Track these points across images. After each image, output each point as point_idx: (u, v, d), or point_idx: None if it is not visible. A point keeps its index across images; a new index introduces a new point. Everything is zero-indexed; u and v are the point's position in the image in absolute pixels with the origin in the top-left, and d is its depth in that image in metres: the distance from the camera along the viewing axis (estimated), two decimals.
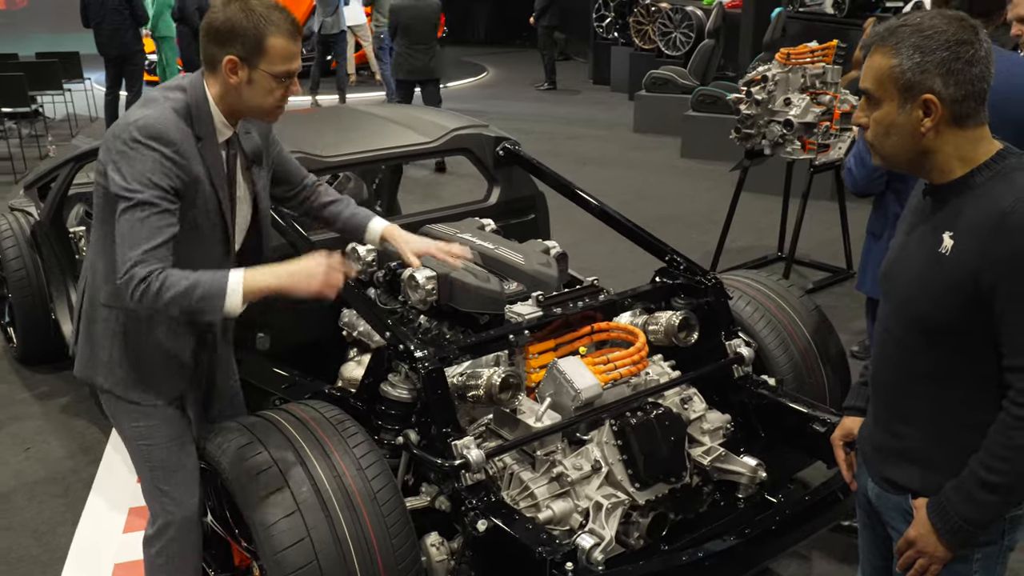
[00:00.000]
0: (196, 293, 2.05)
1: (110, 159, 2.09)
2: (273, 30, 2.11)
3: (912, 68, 1.61)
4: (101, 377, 2.31)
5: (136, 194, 2.04)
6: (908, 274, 1.74)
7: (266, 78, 2.15)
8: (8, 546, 3.26)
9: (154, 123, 2.08)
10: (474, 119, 3.95)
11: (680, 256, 3.19)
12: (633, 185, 8.36)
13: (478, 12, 21.74)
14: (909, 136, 1.66)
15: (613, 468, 2.58)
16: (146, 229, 2.04)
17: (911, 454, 1.78)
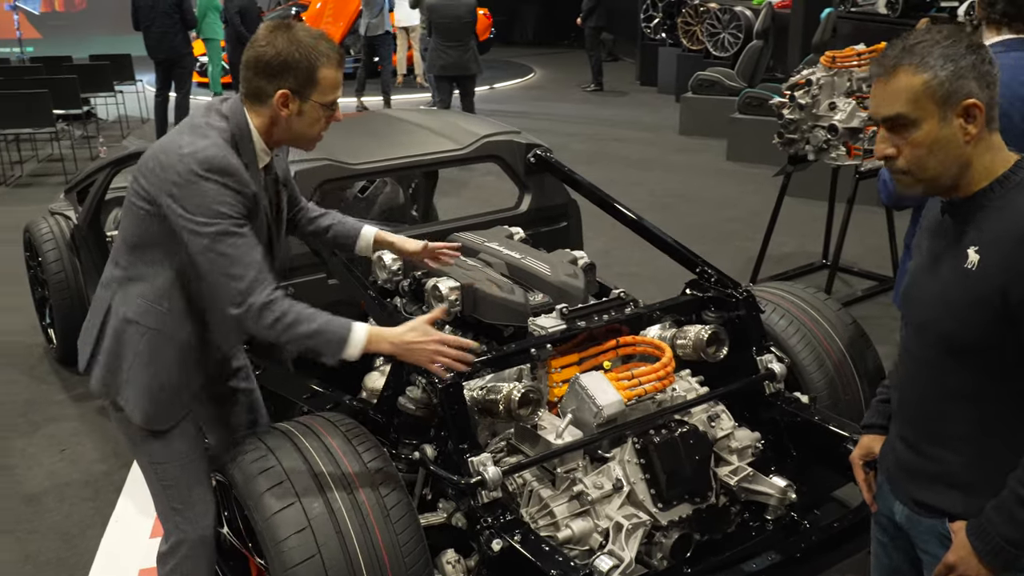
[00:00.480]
0: (322, 337, 2.13)
1: (165, 189, 2.08)
2: (324, 61, 2.13)
3: (948, 77, 1.59)
4: (119, 395, 2.28)
5: (209, 227, 2.06)
6: (931, 293, 1.71)
7: (316, 108, 2.17)
8: (37, 549, 3.29)
9: (212, 155, 2.08)
10: (506, 125, 3.90)
11: (711, 268, 3.11)
12: (676, 188, 8.24)
13: (526, 13, 21.70)
14: (954, 149, 1.62)
15: (635, 487, 2.52)
16: (236, 259, 2.07)
17: (950, 478, 1.73)
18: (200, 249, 2.07)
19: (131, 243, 2.22)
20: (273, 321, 2.10)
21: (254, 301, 2.08)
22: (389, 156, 3.48)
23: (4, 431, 4.12)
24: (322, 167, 3.27)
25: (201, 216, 2.05)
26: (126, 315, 2.23)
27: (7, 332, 5.21)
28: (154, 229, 2.15)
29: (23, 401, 4.39)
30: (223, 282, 2.09)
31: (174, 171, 2.06)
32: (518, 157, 3.73)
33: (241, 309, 2.09)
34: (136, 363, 2.24)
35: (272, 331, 2.11)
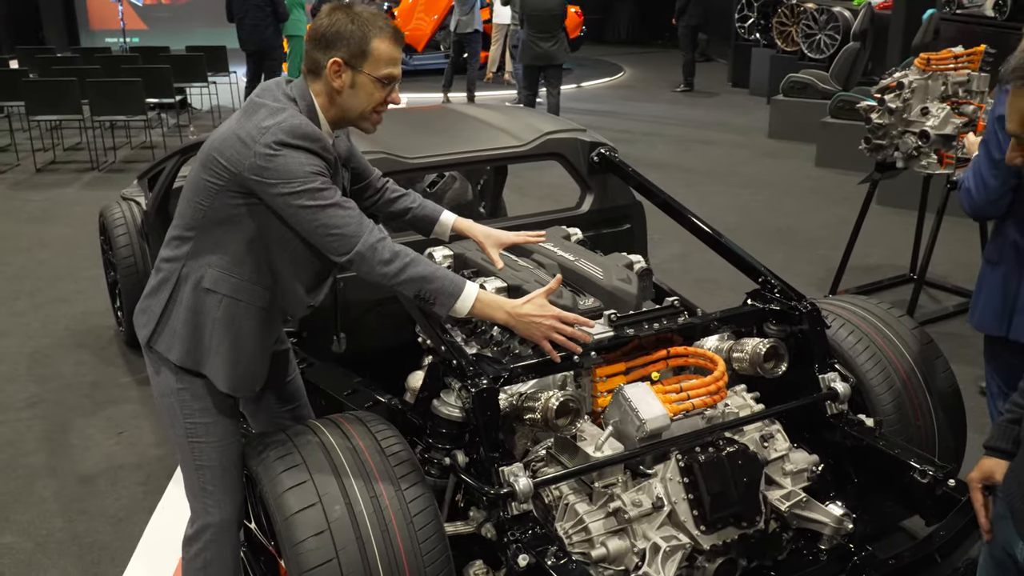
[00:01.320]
0: (435, 284, 2.20)
1: (250, 167, 2.10)
2: (377, 32, 2.16)
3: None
4: (206, 365, 2.28)
5: (304, 187, 2.10)
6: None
7: (368, 82, 2.18)
8: (84, 530, 3.33)
9: (296, 124, 2.12)
10: (571, 123, 3.78)
11: (776, 278, 2.94)
12: (761, 193, 7.98)
13: (620, 12, 21.48)
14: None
15: (677, 507, 2.37)
16: (340, 209, 2.14)
17: None
18: (297, 210, 2.11)
19: (198, 219, 2.23)
20: (391, 256, 2.16)
21: (366, 240, 2.14)
22: (447, 151, 3.40)
23: (68, 410, 4.20)
24: (377, 160, 3.21)
25: (295, 180, 2.09)
26: (201, 285, 2.24)
27: (86, 313, 5.34)
28: (227, 203, 2.18)
29: (89, 382, 4.48)
30: (328, 235, 2.14)
31: (261, 144, 2.09)
32: (581, 156, 3.60)
33: (353, 252, 2.14)
34: (216, 330, 2.26)
35: (389, 267, 2.16)
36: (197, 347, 2.28)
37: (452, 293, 2.21)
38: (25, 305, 5.52)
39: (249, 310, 2.29)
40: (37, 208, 7.71)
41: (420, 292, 2.21)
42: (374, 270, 2.17)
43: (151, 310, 2.32)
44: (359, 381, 2.99)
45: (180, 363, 2.29)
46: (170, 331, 2.29)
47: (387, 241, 2.19)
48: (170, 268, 2.29)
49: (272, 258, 2.27)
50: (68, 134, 10.17)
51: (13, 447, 3.90)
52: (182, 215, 2.28)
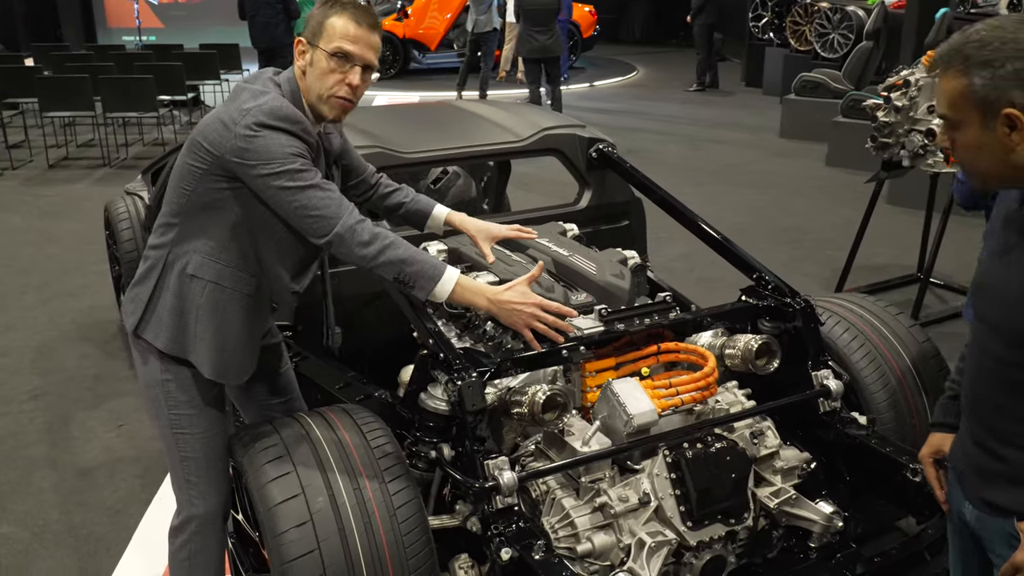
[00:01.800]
0: (414, 267, 2.20)
1: (231, 149, 2.12)
2: (337, 11, 2.19)
3: (984, 85, 1.54)
4: (193, 353, 2.29)
5: (283, 168, 2.11)
6: (1007, 291, 1.65)
7: (323, 57, 2.18)
8: (81, 521, 3.35)
9: (276, 106, 2.13)
10: (570, 119, 3.77)
11: (770, 274, 2.92)
12: (770, 193, 7.94)
13: (634, 11, 21.42)
14: (1001, 153, 1.57)
15: (664, 503, 2.36)
16: (319, 190, 2.14)
17: (1017, 476, 1.70)
18: (276, 192, 2.12)
19: (183, 205, 2.24)
20: (370, 238, 2.15)
21: (345, 221, 2.14)
22: (443, 146, 3.40)
23: (70, 403, 4.23)
24: (373, 155, 3.21)
25: (274, 161, 2.10)
26: (185, 271, 2.25)
27: (92, 307, 5.38)
28: (210, 187, 2.19)
29: (92, 375, 4.51)
30: (308, 216, 2.14)
31: (241, 126, 2.10)
32: (579, 151, 3.59)
33: (332, 234, 2.14)
34: (201, 317, 2.26)
35: (368, 249, 2.16)
36: (183, 334, 2.28)
37: (432, 277, 2.22)
38: (32, 299, 5.57)
39: (234, 296, 2.29)
40: (48, 203, 7.77)
41: (399, 275, 2.20)
42: (353, 252, 2.17)
43: (138, 298, 2.33)
44: (352, 375, 2.99)
45: (167, 350, 2.29)
46: (156, 319, 2.29)
47: (366, 223, 2.18)
48: (157, 255, 2.30)
49: (256, 244, 2.27)
50: (81, 130, 10.24)
51: (14, 438, 3.93)
52: (168, 202, 2.29)
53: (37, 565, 3.11)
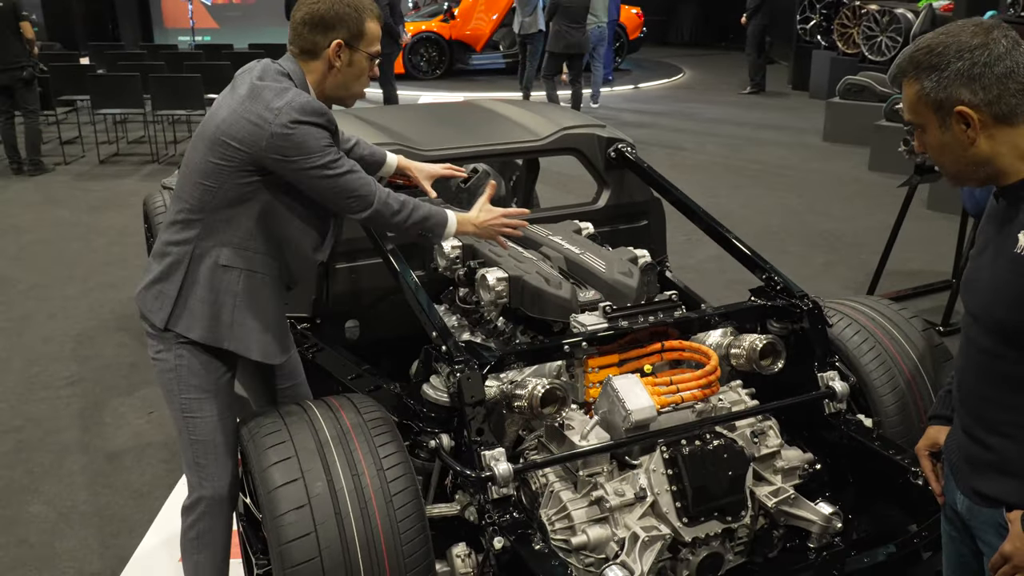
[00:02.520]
0: (432, 220, 2.54)
1: (266, 146, 2.23)
2: (369, 15, 2.37)
3: (934, 88, 1.63)
4: (231, 340, 2.39)
5: (321, 159, 2.28)
6: (986, 280, 1.70)
7: (364, 58, 2.38)
8: (107, 503, 3.47)
9: (305, 101, 2.26)
10: (591, 119, 3.80)
11: (779, 275, 2.92)
12: (808, 196, 7.87)
13: (683, 13, 21.30)
14: (961, 150, 1.65)
15: (660, 498, 2.39)
16: (354, 173, 2.36)
17: (1007, 466, 1.72)
18: (318, 180, 2.30)
19: (207, 202, 2.32)
20: (399, 206, 2.44)
21: (379, 195, 2.40)
22: (462, 144, 3.45)
23: (104, 390, 4.37)
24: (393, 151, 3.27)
25: (313, 154, 2.26)
26: (219, 263, 2.35)
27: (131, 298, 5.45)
28: (238, 182, 2.30)
29: (128, 363, 4.65)
30: (348, 198, 2.36)
31: (277, 124, 2.22)
32: (598, 151, 3.62)
33: (371, 210, 2.39)
34: (239, 304, 2.38)
35: (399, 216, 2.45)
36: (217, 323, 2.38)
37: (444, 223, 2.56)
38: (75, 290, 5.75)
39: (265, 280, 2.42)
40: (96, 198, 7.99)
41: (423, 230, 2.54)
42: (389, 221, 2.46)
43: (165, 293, 2.39)
44: (366, 367, 3.06)
45: (203, 340, 2.38)
46: (189, 312, 2.37)
47: (391, 194, 2.44)
48: (180, 251, 2.37)
49: (281, 226, 2.40)
50: (132, 127, 10.51)
51: (50, 422, 4.08)
52: (185, 199, 2.36)
53: (63, 543, 3.23)
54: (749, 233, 6.72)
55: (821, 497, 2.59)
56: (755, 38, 13.46)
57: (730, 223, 3.13)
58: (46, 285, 5.83)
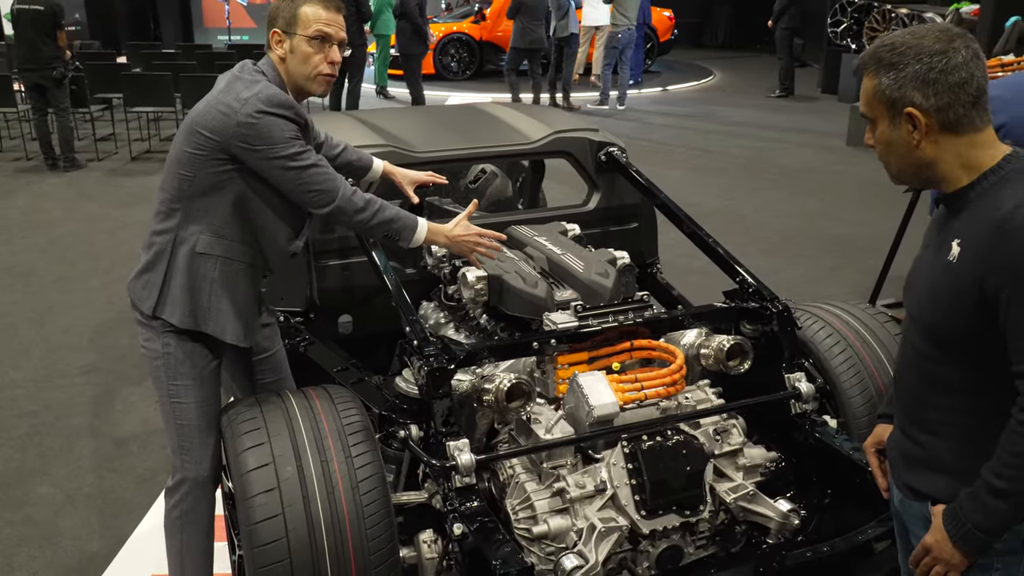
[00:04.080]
0: (399, 223, 2.58)
1: (233, 134, 2.35)
2: (305, 2, 2.43)
3: (890, 85, 1.67)
4: (209, 323, 2.51)
5: (286, 150, 2.37)
6: (923, 283, 1.77)
7: (302, 42, 2.43)
8: (110, 486, 3.63)
9: (272, 93, 2.37)
10: (586, 122, 3.88)
11: (753, 278, 2.99)
12: (825, 200, 7.87)
13: (718, 15, 21.23)
14: (905, 150, 1.70)
15: (619, 491, 2.47)
16: (318, 167, 2.44)
17: (933, 462, 1.80)
18: (281, 172, 2.39)
19: (184, 190, 2.45)
20: (364, 204, 2.49)
21: (343, 193, 2.46)
22: (455, 147, 3.55)
23: (117, 379, 4.55)
24: (385, 153, 3.39)
25: (277, 144, 2.35)
26: (196, 250, 2.47)
27: None
28: (211, 171, 2.41)
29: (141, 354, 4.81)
30: (310, 191, 2.43)
31: (243, 114, 2.33)
32: (589, 155, 3.71)
33: (333, 206, 2.45)
34: (215, 289, 2.50)
35: (363, 214, 2.50)
36: (195, 309, 2.51)
37: (412, 228, 2.59)
38: (98, 282, 5.95)
39: (241, 267, 2.53)
40: (127, 194, 8.23)
41: (389, 232, 2.57)
42: (352, 218, 2.50)
43: (152, 282, 2.53)
44: (352, 361, 3.17)
45: (181, 325, 2.51)
46: (172, 299, 2.50)
47: (357, 192, 2.49)
48: (163, 240, 2.51)
49: (257, 215, 2.50)
50: (165, 125, 10.76)
51: (64, 408, 4.26)
52: (167, 188, 2.50)
53: (66, 523, 3.39)
54: (761, 236, 6.79)
55: (782, 495, 2.66)
56: (784, 41, 13.42)
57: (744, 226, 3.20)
58: (71, 277, 6.05)
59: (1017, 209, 1.57)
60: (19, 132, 10.07)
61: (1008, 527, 1.67)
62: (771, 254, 6.46)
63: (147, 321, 2.56)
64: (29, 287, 5.87)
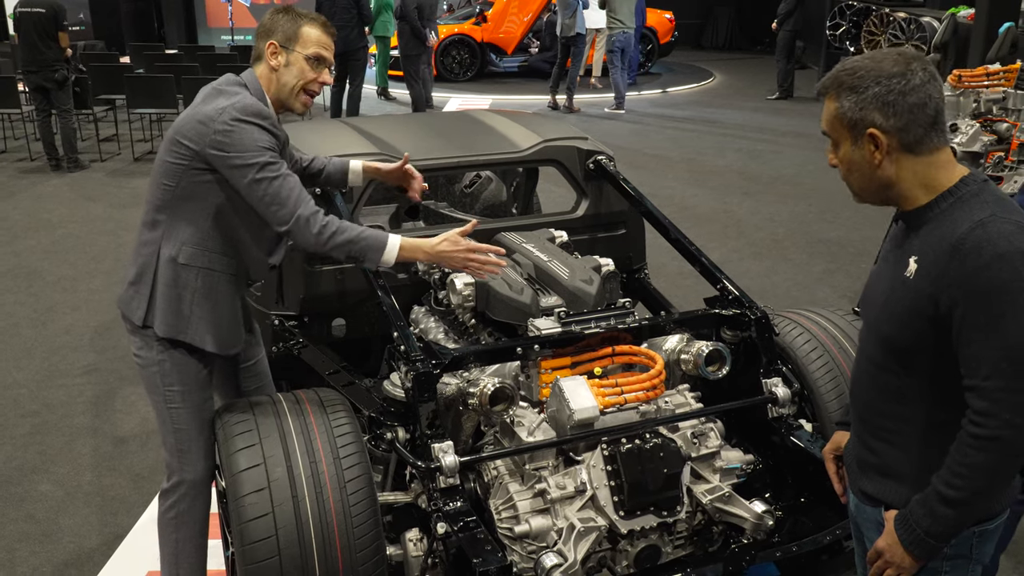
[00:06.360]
0: (361, 244, 2.49)
1: (210, 143, 2.41)
2: (308, 22, 2.55)
3: (851, 107, 1.74)
4: (189, 332, 2.57)
5: (257, 159, 2.41)
6: (879, 296, 1.84)
7: (299, 59, 2.52)
8: (109, 484, 3.72)
9: (248, 103, 2.44)
10: (574, 131, 3.97)
11: (733, 286, 3.07)
12: (819, 204, 7.94)
13: (720, 17, 21.28)
14: (867, 170, 1.77)
15: (599, 492, 2.56)
16: (280, 183, 2.44)
17: (886, 469, 1.87)
18: (248, 181, 2.42)
19: (167, 201, 2.51)
20: (321, 228, 2.45)
21: (301, 213, 2.44)
22: (444, 155, 3.64)
23: (118, 379, 4.64)
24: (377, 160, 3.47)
25: (246, 152, 2.40)
26: (178, 261, 2.54)
27: None
28: (193, 180, 2.47)
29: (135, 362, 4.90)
30: (271, 206, 2.44)
31: (218, 122, 2.40)
32: (577, 163, 3.79)
33: (290, 224, 2.44)
34: (196, 299, 2.56)
35: (321, 237, 2.46)
36: (177, 318, 2.57)
37: (377, 248, 2.50)
38: (100, 283, 6.05)
39: (222, 278, 2.59)
40: (129, 195, 8.32)
41: (350, 253, 2.51)
42: (308, 238, 2.47)
43: (141, 293, 2.60)
44: (343, 365, 3.26)
45: (163, 333, 2.58)
46: (158, 308, 2.58)
47: (319, 214, 2.48)
48: (148, 251, 2.58)
49: (237, 227, 2.55)
50: (168, 127, 10.82)
51: (65, 408, 4.35)
52: (151, 199, 2.56)
53: (65, 520, 3.49)
54: (753, 240, 6.87)
55: (758, 496, 2.75)
56: (785, 44, 13.49)
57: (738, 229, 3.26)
58: (73, 278, 6.15)
59: (972, 231, 1.64)
60: (23, 133, 10.17)
61: (956, 533, 1.75)
62: (762, 257, 6.54)
63: (139, 330, 2.63)
64: (32, 288, 5.97)
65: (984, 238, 1.63)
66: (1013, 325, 1.61)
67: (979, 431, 1.66)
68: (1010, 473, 1.72)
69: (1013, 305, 1.61)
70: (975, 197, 1.71)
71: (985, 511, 1.77)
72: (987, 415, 1.65)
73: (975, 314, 1.64)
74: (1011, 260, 1.61)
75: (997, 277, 1.61)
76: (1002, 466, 1.68)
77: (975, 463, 1.67)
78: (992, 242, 1.62)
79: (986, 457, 1.66)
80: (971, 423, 1.67)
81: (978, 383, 1.66)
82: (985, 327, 1.63)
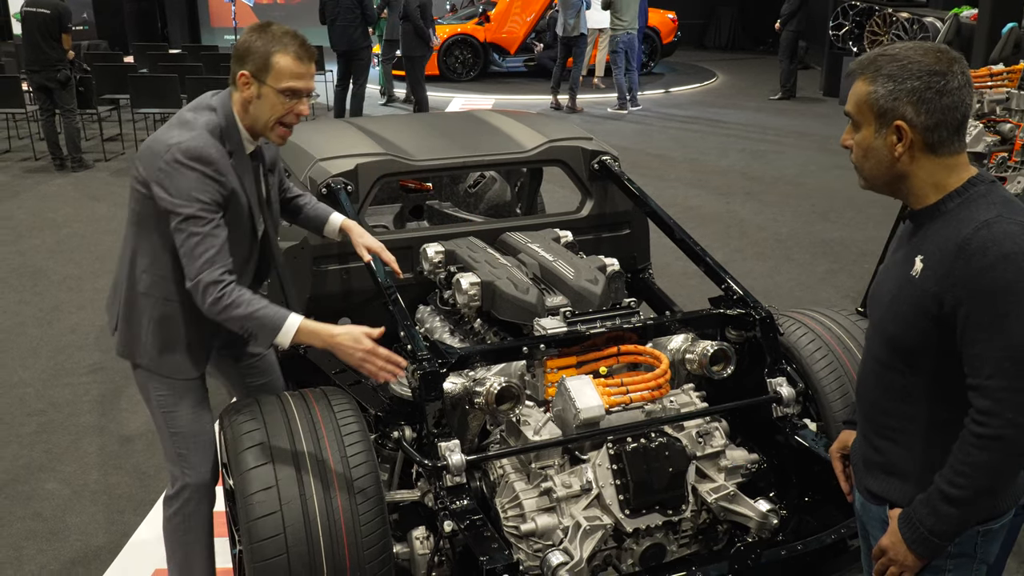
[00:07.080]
0: (256, 321, 2.35)
1: (153, 176, 2.35)
2: (280, 49, 2.35)
3: (885, 95, 1.73)
4: (138, 355, 2.59)
5: (184, 209, 2.32)
6: (885, 295, 1.84)
7: (271, 93, 2.37)
8: (116, 482, 3.74)
9: (194, 146, 2.33)
10: (579, 131, 3.98)
11: (738, 285, 3.09)
12: (822, 205, 7.95)
13: (723, 17, 21.29)
14: (884, 159, 1.77)
15: (604, 491, 2.57)
16: (202, 242, 2.33)
17: (891, 467, 1.88)
18: (174, 227, 2.35)
19: (133, 221, 2.51)
20: (214, 300, 2.32)
21: (202, 279, 2.32)
22: (451, 155, 3.65)
23: (124, 377, 4.66)
24: (382, 161, 3.50)
25: (178, 198, 2.32)
26: (137, 288, 2.53)
27: None
28: (150, 209, 2.42)
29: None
30: (184, 257, 2.36)
31: (162, 159, 2.33)
32: (582, 163, 3.81)
33: (191, 283, 2.34)
34: (151, 327, 2.55)
35: (214, 308, 2.34)
36: (134, 342, 2.57)
37: (272, 329, 2.35)
38: (105, 282, 6.05)
39: (181, 307, 2.52)
40: None
41: (242, 328, 2.38)
42: (204, 304, 2.35)
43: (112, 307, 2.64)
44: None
45: (120, 355, 2.61)
46: (119, 326, 2.59)
47: (222, 284, 2.33)
48: (120, 269, 2.59)
49: None
50: None
51: (71, 407, 4.37)
52: (126, 226, 2.56)
53: (72, 518, 3.50)
54: (757, 240, 6.88)
55: (763, 495, 2.76)
56: (788, 44, 13.50)
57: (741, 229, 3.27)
58: (78, 277, 6.17)
59: (977, 231, 1.65)
60: (27, 132, 10.20)
61: (959, 532, 1.76)
62: (766, 258, 6.55)
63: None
64: (37, 287, 5.99)
65: (989, 238, 1.64)
66: (1017, 325, 1.62)
67: (982, 430, 1.67)
68: (1013, 472, 1.74)
69: (1017, 305, 1.62)
70: (983, 198, 1.72)
71: (989, 510, 1.78)
72: (990, 414, 1.66)
73: (979, 314, 1.65)
74: (1016, 261, 1.62)
75: (1002, 277, 1.62)
76: (1004, 465, 1.69)
77: (978, 462, 1.68)
78: (997, 243, 1.63)
79: (989, 456, 1.67)
80: (974, 422, 1.68)
81: (981, 382, 1.67)
82: (989, 327, 1.64)
